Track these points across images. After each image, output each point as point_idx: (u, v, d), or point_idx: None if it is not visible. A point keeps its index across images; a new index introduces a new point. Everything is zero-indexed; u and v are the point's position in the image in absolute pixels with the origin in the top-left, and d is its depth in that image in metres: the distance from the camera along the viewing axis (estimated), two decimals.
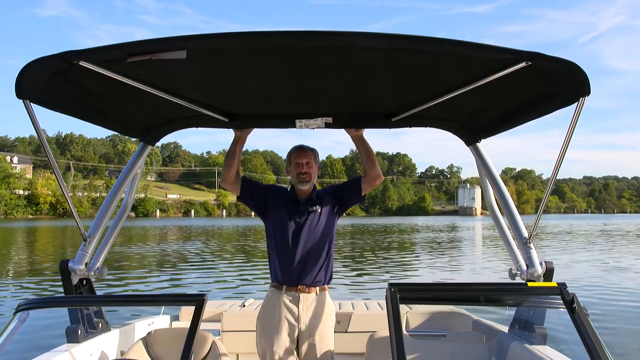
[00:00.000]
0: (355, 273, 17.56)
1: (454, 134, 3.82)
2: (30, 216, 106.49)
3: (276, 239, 3.49)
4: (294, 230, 3.45)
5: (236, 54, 2.47)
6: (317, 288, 3.44)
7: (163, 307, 4.60)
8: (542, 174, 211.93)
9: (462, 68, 2.64)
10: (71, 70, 2.47)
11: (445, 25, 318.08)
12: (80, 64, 2.37)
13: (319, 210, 3.51)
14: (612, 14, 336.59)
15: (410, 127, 3.80)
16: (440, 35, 2.23)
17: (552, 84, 2.59)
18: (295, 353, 3.41)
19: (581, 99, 2.55)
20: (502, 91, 2.94)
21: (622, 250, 26.63)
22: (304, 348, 3.38)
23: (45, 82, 2.59)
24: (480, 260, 22.18)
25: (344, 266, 19.37)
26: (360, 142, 3.70)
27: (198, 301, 2.62)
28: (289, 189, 3.66)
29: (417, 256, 24.46)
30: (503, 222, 3.82)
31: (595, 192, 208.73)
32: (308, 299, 3.40)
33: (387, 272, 18.07)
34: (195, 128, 3.89)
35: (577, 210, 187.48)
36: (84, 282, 3.66)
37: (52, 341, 3.54)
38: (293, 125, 3.67)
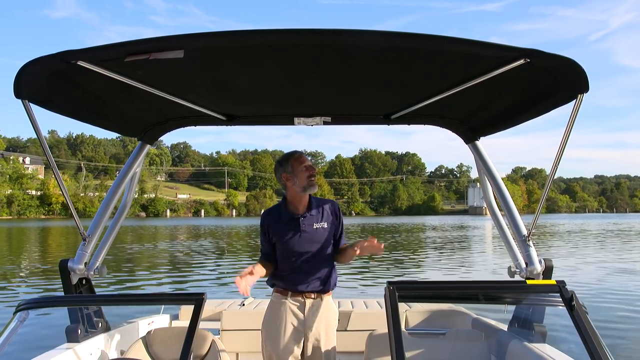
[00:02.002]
0: (362, 273, 17.55)
1: (453, 131, 3.81)
2: (43, 216, 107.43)
3: (281, 251, 3.41)
4: (297, 243, 3.36)
5: (234, 53, 2.47)
6: (322, 294, 3.42)
7: (163, 306, 4.61)
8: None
9: (461, 65, 2.64)
10: (69, 70, 2.48)
11: (453, 24, 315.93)
12: (79, 63, 2.38)
13: (319, 221, 3.42)
14: (624, 11, 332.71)
15: (409, 124, 3.81)
16: (449, 34, 2.22)
17: (550, 81, 2.59)
18: (300, 358, 3.40)
19: (579, 96, 2.55)
20: (501, 88, 2.95)
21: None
22: (309, 352, 3.37)
23: (43, 82, 2.60)
24: (491, 260, 22.07)
25: (351, 266, 19.36)
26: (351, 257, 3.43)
27: (197, 300, 2.62)
28: (280, 203, 3.49)
29: (426, 256, 24.41)
30: (502, 220, 3.81)
31: (607, 191, 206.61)
32: (314, 305, 3.38)
33: (399, 272, 18.03)
34: (196, 127, 3.91)
35: (589, 209, 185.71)
36: (84, 281, 3.67)
37: (52, 341, 3.55)
38: (292, 123, 3.69)
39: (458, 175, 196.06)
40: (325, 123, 3.69)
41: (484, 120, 3.59)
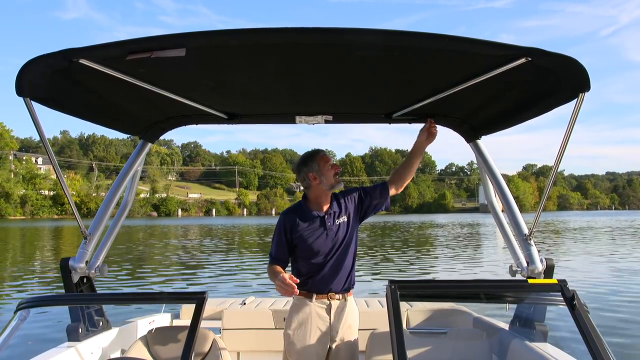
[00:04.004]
0: (374, 272, 17.53)
1: (454, 130, 3.79)
2: (56, 216, 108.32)
3: (305, 253, 3.34)
4: (323, 242, 3.32)
5: (235, 51, 2.47)
6: (345, 294, 3.39)
7: (164, 305, 4.62)
8: (564, 170, 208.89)
9: (462, 64, 2.63)
10: (71, 68, 2.47)
11: (463, 22, 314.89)
12: (81, 61, 2.38)
13: (341, 215, 3.40)
14: (634, 6, 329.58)
15: (410, 123, 3.79)
16: (458, 32, 2.25)
17: (551, 80, 2.57)
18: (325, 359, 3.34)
19: (581, 94, 2.53)
20: (502, 87, 2.93)
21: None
22: (335, 355, 3.32)
23: (45, 80, 2.59)
24: (503, 258, 21.93)
25: (359, 265, 19.34)
26: (423, 148, 3.52)
27: (198, 299, 2.63)
28: (302, 202, 3.45)
29: (436, 254, 24.34)
30: (503, 218, 3.79)
31: (618, 188, 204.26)
32: (339, 306, 3.34)
33: (409, 271, 18.00)
34: (207, 126, 3.91)
35: (601, 206, 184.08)
36: (85, 280, 3.67)
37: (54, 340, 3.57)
38: (293, 121, 3.69)
39: (469, 173, 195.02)
40: (326, 122, 3.69)
41: (485, 119, 3.57)
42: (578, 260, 19.75)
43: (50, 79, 2.59)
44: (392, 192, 3.53)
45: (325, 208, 3.39)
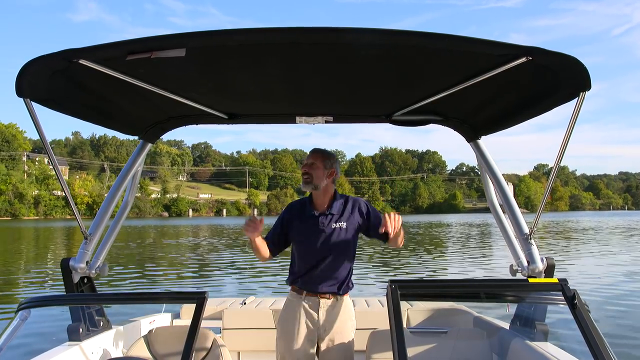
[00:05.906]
0: (376, 272, 17.51)
1: (454, 130, 3.78)
2: (69, 216, 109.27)
3: (298, 249, 3.41)
4: (314, 242, 3.34)
5: (235, 51, 2.46)
6: (337, 296, 3.39)
7: (164, 305, 4.63)
8: (576, 169, 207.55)
9: (462, 64, 2.61)
10: (71, 69, 2.47)
11: (473, 21, 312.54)
12: (80, 62, 2.38)
13: (339, 220, 3.37)
14: None
15: (409, 126, 3.77)
16: (468, 31, 2.24)
17: (552, 79, 2.55)
18: (315, 358, 3.38)
19: (582, 93, 2.51)
20: (502, 87, 2.91)
21: None
22: (323, 353, 3.35)
23: (45, 80, 2.59)
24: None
25: (366, 265, 19.32)
26: (395, 238, 3.21)
27: (199, 299, 2.62)
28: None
29: (444, 254, 24.24)
30: (504, 218, 3.77)
31: (632, 188, 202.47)
32: (328, 305, 3.36)
33: (423, 270, 17.95)
34: (217, 127, 3.92)
35: (613, 207, 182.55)
36: (85, 280, 3.69)
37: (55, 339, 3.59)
38: (293, 122, 3.69)
39: (479, 173, 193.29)
40: (327, 122, 3.69)
41: (486, 119, 3.55)
42: (590, 264, 19.50)
43: (50, 79, 2.59)
44: (383, 242, 3.36)
45: (322, 209, 3.40)
